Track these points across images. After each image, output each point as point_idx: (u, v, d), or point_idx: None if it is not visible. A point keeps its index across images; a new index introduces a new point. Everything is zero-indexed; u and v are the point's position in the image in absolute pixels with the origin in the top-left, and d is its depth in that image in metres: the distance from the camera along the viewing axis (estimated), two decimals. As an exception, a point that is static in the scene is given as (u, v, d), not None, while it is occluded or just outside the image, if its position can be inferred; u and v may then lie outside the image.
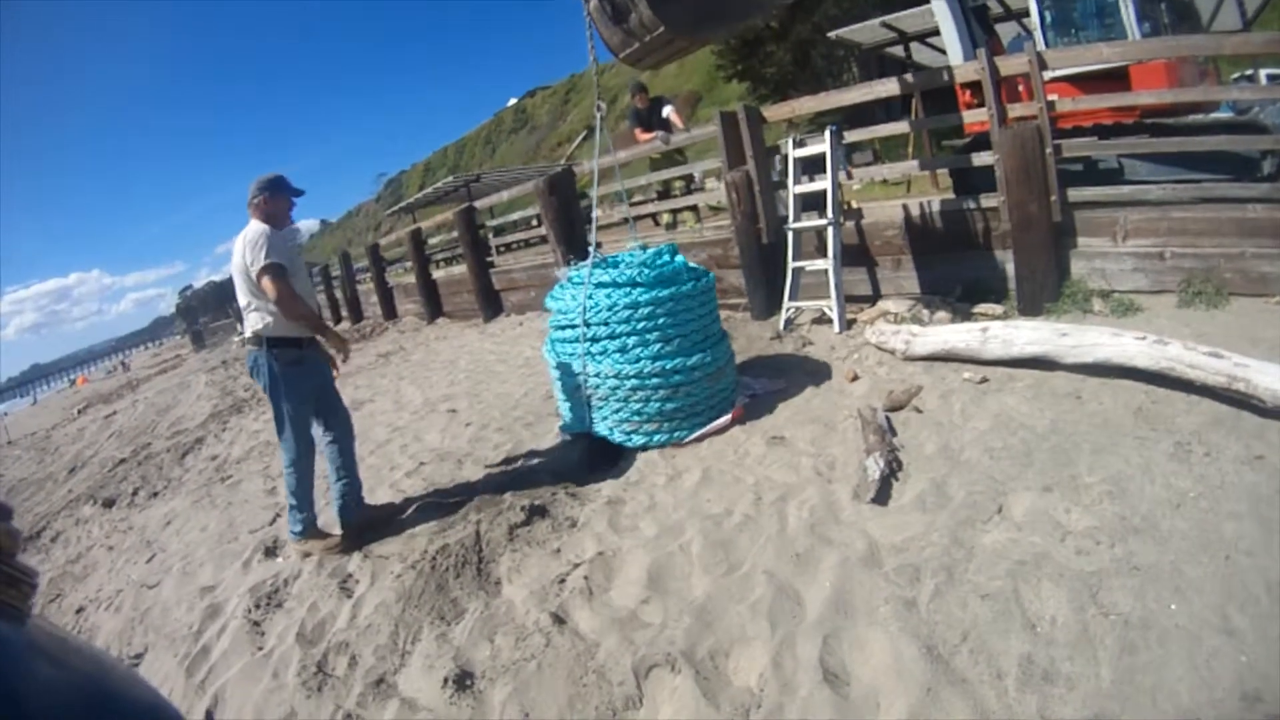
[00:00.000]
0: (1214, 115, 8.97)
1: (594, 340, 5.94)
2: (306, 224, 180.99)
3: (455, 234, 15.93)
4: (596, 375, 5.92)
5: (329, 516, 5.75)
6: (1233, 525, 3.53)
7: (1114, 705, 2.71)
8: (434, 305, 17.62)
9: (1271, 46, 7.12)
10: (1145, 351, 5.03)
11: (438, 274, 18.01)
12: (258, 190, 5.16)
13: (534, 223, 14.18)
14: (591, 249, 6.42)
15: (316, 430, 5.53)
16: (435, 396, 9.36)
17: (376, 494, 6.23)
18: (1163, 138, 7.24)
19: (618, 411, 5.92)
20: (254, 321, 5.14)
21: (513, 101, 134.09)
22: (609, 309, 5.83)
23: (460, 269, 16.29)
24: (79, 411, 21.50)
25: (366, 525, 5.51)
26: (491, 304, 14.99)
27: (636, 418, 5.88)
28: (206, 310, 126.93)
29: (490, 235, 16.28)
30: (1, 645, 1.11)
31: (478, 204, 16.30)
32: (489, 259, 15.57)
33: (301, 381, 5.29)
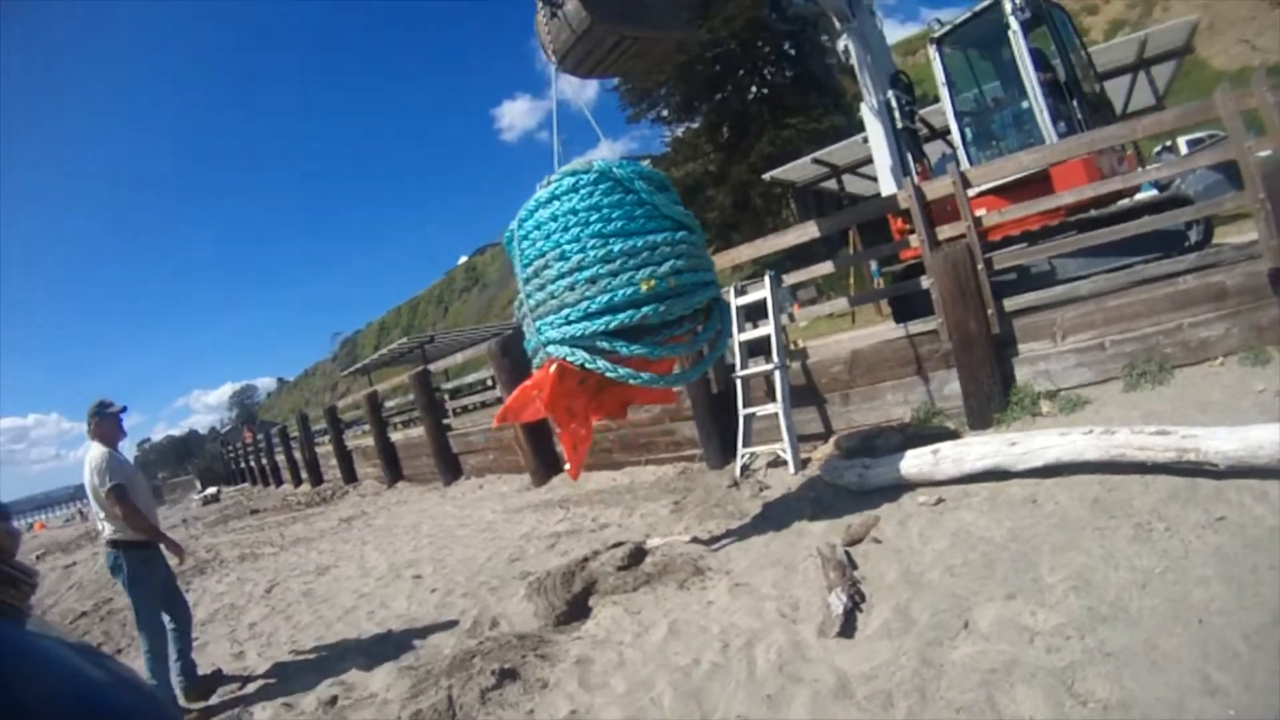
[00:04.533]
0: (1138, 197, 9.19)
1: None
2: (264, 382, 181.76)
3: (411, 397, 16.03)
4: None
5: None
6: (1202, 590, 3.58)
7: (1104, 787, 2.66)
8: (394, 468, 17.63)
9: (1183, 120, 7.43)
10: (1094, 444, 5.08)
11: (396, 437, 18.05)
12: (89, 417, 6.19)
13: (489, 383, 14.28)
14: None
15: (164, 618, 6.29)
16: (399, 562, 9.27)
17: (345, 660, 6.22)
18: (1090, 231, 7.39)
19: None
20: (109, 531, 6.04)
21: (463, 260, 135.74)
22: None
23: (418, 432, 16.32)
24: (37, 557, 21.03)
25: (206, 693, 6.18)
26: (451, 467, 14.98)
27: None
28: (165, 465, 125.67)
29: (447, 397, 16.30)
30: (1, 644, 1.15)
31: (432, 366, 16.55)
32: (446, 421, 15.60)
33: (150, 577, 6.15)
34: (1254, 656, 3.07)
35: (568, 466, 6.24)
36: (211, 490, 36.60)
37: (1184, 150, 22.12)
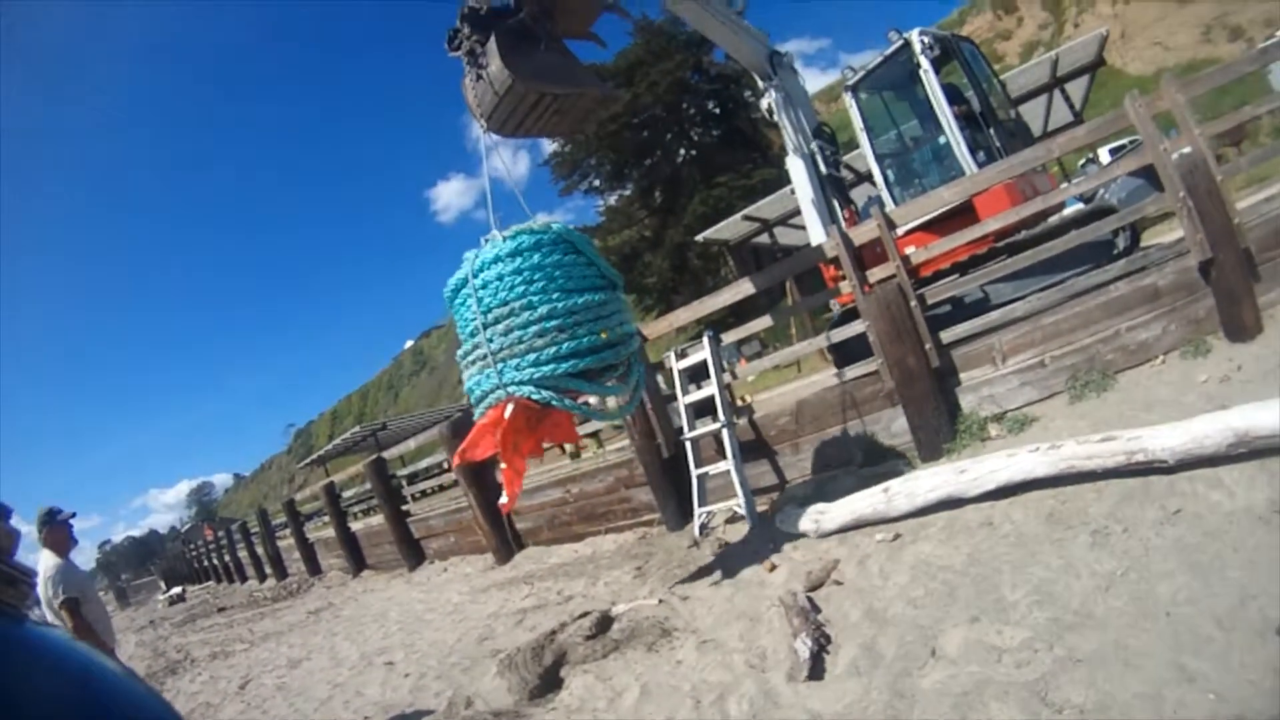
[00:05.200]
0: (1064, 213, 9.33)
1: None
2: (221, 478, 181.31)
3: (369, 485, 15.91)
4: None
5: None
6: (1166, 584, 3.62)
7: (1091, 790, 2.67)
8: (357, 558, 17.40)
9: (1096, 133, 7.60)
10: (1041, 460, 5.12)
11: (356, 526, 17.88)
12: (39, 526, 6.17)
13: (444, 466, 14.19)
14: None
15: None
16: (370, 650, 9.19)
17: None
18: (1018, 254, 7.45)
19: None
20: None
21: (409, 344, 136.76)
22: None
23: (378, 519, 16.17)
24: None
25: None
26: (414, 553, 14.78)
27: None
28: (128, 566, 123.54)
29: (404, 483, 16.16)
30: (2, 642, 1.15)
31: (387, 454, 16.36)
32: (405, 508, 15.43)
33: None
34: (1228, 639, 3.11)
35: (504, 500, 6.51)
36: (177, 590, 36.12)
37: (1106, 160, 22.55)
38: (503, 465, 6.23)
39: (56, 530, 6.15)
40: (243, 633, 14.63)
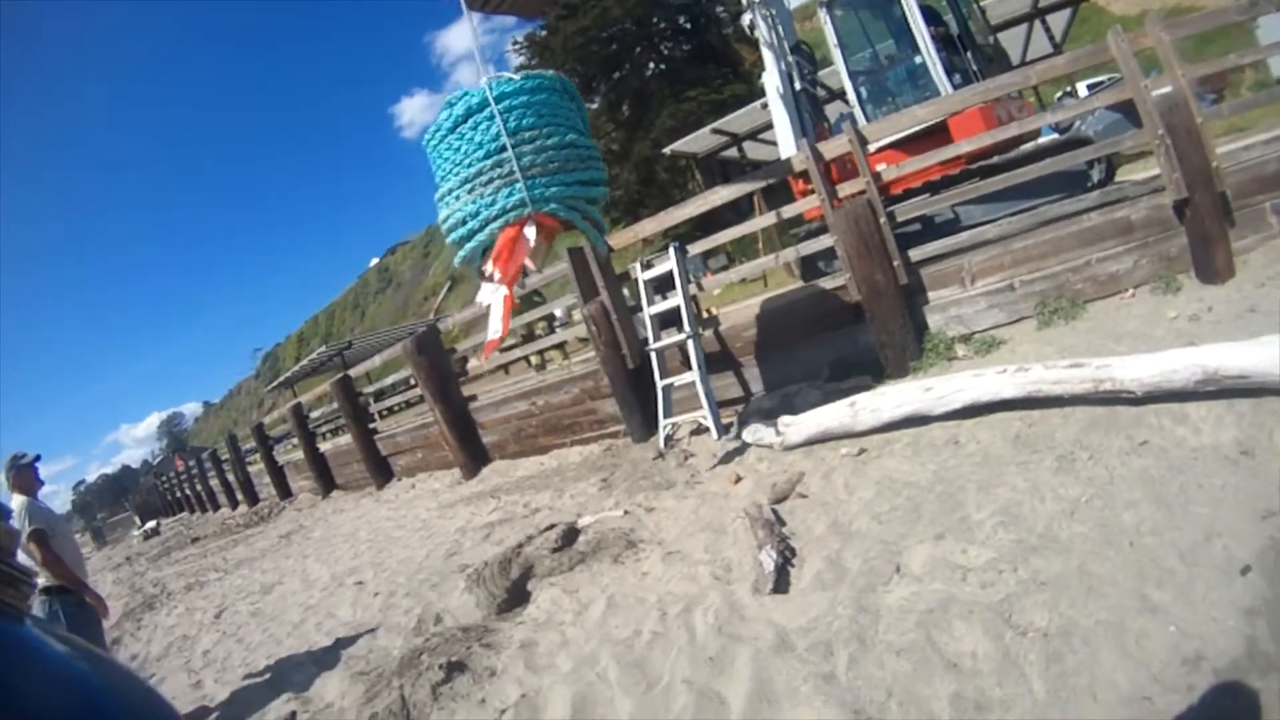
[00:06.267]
0: (1038, 141, 9.32)
1: None
2: (190, 408, 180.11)
3: (336, 405, 15.87)
4: None
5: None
6: (1131, 513, 3.66)
7: (1054, 713, 2.75)
8: (326, 479, 17.38)
9: (1076, 64, 7.55)
10: (1009, 382, 5.16)
11: (325, 446, 17.80)
12: (6, 472, 6.44)
13: (410, 382, 14.14)
14: None
15: None
16: (341, 571, 9.21)
17: (299, 674, 6.18)
18: (991, 178, 7.43)
19: None
20: (40, 580, 6.07)
21: (375, 261, 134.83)
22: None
23: (346, 439, 16.15)
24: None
25: None
26: (382, 471, 14.83)
27: None
28: (103, 504, 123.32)
29: (371, 401, 16.17)
30: (2, 643, 1.15)
31: (353, 372, 16.30)
32: (372, 426, 15.44)
33: (88, 618, 6.13)
34: (1191, 573, 3.14)
35: (496, 334, 6.53)
36: (151, 524, 35.50)
37: (1083, 94, 22.51)
38: (505, 292, 6.24)
39: (23, 473, 6.42)
40: (216, 561, 14.65)
